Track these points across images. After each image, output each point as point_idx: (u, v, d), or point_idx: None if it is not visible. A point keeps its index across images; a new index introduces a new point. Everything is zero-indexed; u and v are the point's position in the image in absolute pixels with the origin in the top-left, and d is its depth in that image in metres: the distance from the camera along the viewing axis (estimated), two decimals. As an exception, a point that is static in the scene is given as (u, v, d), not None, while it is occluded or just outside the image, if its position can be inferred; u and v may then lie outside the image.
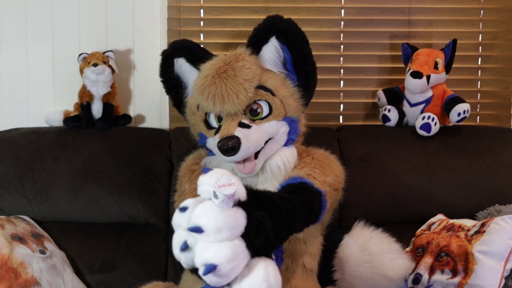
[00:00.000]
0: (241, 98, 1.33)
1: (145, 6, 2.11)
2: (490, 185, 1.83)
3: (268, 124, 1.38)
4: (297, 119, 1.44)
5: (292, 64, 1.40)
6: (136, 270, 1.73)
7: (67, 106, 2.09)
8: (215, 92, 1.33)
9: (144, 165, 1.85)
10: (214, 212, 0.86)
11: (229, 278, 0.86)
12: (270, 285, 0.89)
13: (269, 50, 1.40)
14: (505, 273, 1.50)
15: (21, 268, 1.53)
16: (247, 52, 1.40)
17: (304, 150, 1.48)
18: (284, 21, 1.37)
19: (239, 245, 0.87)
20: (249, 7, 2.11)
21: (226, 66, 1.35)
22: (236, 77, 1.33)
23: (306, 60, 1.40)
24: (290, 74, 1.42)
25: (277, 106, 1.38)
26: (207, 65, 1.40)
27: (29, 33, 2.10)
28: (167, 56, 1.54)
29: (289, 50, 1.38)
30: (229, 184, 0.87)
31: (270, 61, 1.41)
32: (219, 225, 0.85)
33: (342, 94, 2.17)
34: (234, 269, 0.86)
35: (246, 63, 1.36)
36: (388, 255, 1.47)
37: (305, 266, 1.38)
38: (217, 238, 0.86)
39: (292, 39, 1.37)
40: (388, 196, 1.83)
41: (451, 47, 1.93)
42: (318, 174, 1.34)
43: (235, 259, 0.86)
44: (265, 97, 1.37)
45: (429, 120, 1.87)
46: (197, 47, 1.53)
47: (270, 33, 1.38)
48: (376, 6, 2.13)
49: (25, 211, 1.80)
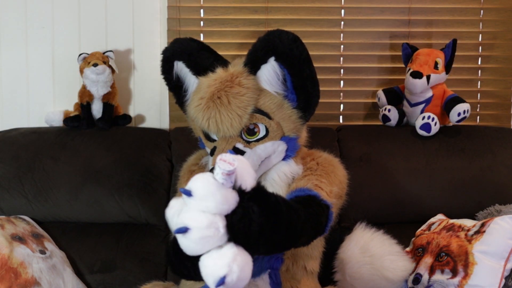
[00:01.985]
0: (235, 125, 1.30)
1: (145, 6, 2.11)
2: (490, 185, 1.83)
3: (264, 146, 1.34)
4: (295, 136, 1.40)
5: (292, 85, 1.34)
6: (136, 270, 1.73)
7: (67, 106, 2.09)
8: (209, 116, 1.31)
9: (144, 165, 1.85)
10: (207, 181, 0.90)
11: (198, 245, 0.89)
12: (231, 272, 0.88)
13: (267, 70, 1.33)
14: (505, 273, 1.50)
15: (21, 268, 1.53)
16: (244, 74, 1.34)
17: (308, 154, 1.46)
18: (284, 41, 1.28)
19: (218, 221, 0.89)
20: (249, 7, 2.11)
21: (220, 92, 1.31)
22: (229, 104, 1.30)
23: (306, 82, 1.34)
24: (290, 94, 1.35)
25: (274, 129, 1.35)
26: (204, 83, 1.36)
27: (29, 33, 2.10)
28: (167, 58, 1.50)
29: (289, 73, 1.32)
30: (230, 162, 0.90)
31: (268, 81, 1.34)
32: (206, 193, 0.89)
33: (342, 94, 2.17)
34: (205, 239, 0.89)
35: (242, 89, 1.31)
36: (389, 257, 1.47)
37: (306, 268, 1.37)
38: (201, 205, 0.89)
39: (292, 62, 1.30)
40: (388, 196, 1.83)
41: (451, 47, 1.93)
42: (325, 184, 1.33)
43: (208, 229, 0.88)
44: (261, 120, 1.33)
45: (429, 120, 1.87)
46: (197, 51, 1.46)
47: (269, 53, 1.30)
48: (376, 6, 2.13)
49: (25, 211, 1.80)
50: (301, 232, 1.07)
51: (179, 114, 2.12)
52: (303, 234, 1.09)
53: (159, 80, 1.59)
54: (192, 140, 1.58)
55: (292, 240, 1.05)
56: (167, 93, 2.12)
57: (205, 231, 0.88)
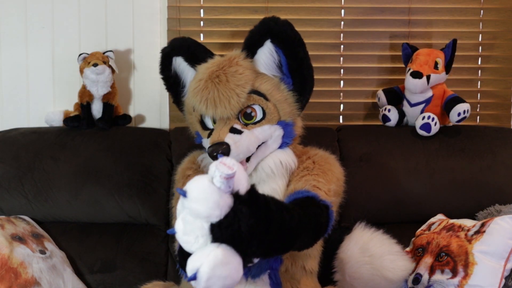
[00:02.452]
0: (233, 103, 1.33)
1: (145, 6, 2.11)
2: (490, 185, 1.83)
3: (261, 129, 1.37)
4: (292, 122, 1.43)
5: (288, 68, 1.38)
6: (136, 270, 1.73)
7: (67, 106, 2.09)
8: (207, 96, 1.33)
9: (144, 165, 1.85)
10: (202, 185, 0.89)
11: (184, 246, 0.93)
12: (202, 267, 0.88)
13: (264, 53, 1.38)
14: (505, 273, 1.50)
15: (21, 268, 1.53)
16: (242, 56, 1.39)
17: (303, 152, 1.47)
18: (279, 23, 1.34)
19: (200, 228, 0.90)
20: (249, 7, 2.11)
21: (219, 71, 1.34)
22: (228, 82, 1.33)
23: (301, 64, 1.38)
24: (285, 78, 1.40)
25: (271, 111, 1.37)
26: (202, 67, 1.40)
27: (29, 33, 2.10)
28: (166, 54, 1.53)
29: (284, 54, 1.36)
30: (229, 166, 0.90)
31: (265, 65, 1.39)
32: (199, 196, 0.89)
33: (342, 94, 2.17)
34: (186, 243, 0.92)
35: (239, 68, 1.35)
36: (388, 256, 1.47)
37: (305, 268, 1.37)
38: (191, 207, 0.89)
39: (287, 43, 1.35)
40: (388, 196, 1.83)
41: (451, 47, 1.93)
42: (322, 184, 1.34)
43: (187, 236, 0.91)
44: (258, 102, 1.36)
45: (429, 120, 1.87)
46: (195, 45, 1.51)
47: (265, 36, 1.36)
48: (376, 6, 2.13)
49: (25, 211, 1.80)
50: (297, 231, 1.06)
51: (179, 114, 2.11)
52: (300, 234, 1.08)
53: (159, 80, 1.60)
54: (192, 140, 1.58)
55: (288, 240, 1.04)
56: (167, 93, 2.11)
57: (184, 237, 0.92)
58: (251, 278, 1.30)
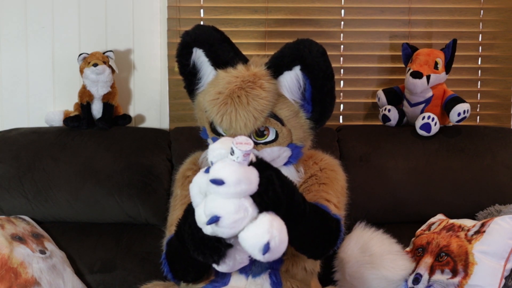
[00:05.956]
0: (249, 125, 1.29)
1: (145, 6, 2.11)
2: (490, 185, 1.83)
3: (271, 150, 1.34)
4: (302, 145, 1.40)
5: (311, 97, 1.34)
6: (136, 270, 1.73)
7: (67, 106, 2.09)
8: (224, 112, 1.29)
9: (144, 165, 1.85)
10: (234, 166, 0.97)
11: (232, 229, 0.97)
12: (273, 237, 0.96)
13: (290, 77, 1.33)
14: (505, 273, 1.50)
15: (21, 268, 1.53)
16: (266, 77, 1.33)
17: (309, 155, 1.45)
18: (313, 53, 1.28)
19: (245, 201, 0.97)
20: (249, 7, 2.11)
21: (241, 91, 1.29)
22: (248, 105, 1.29)
23: (325, 97, 1.35)
24: (306, 105, 1.36)
25: (284, 135, 1.34)
26: (224, 78, 1.33)
27: (29, 33, 2.10)
28: (186, 44, 1.44)
29: (311, 84, 1.32)
30: (246, 143, 0.98)
31: (289, 88, 1.34)
32: (239, 177, 0.96)
33: (342, 94, 2.17)
34: (237, 222, 0.97)
35: (262, 92, 1.30)
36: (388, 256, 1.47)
37: (305, 269, 1.37)
38: (236, 190, 0.96)
39: (316, 75, 1.30)
40: (388, 196, 1.83)
41: (451, 47, 1.93)
42: (332, 196, 1.35)
43: (238, 213, 0.96)
44: (274, 125, 1.33)
45: (429, 120, 1.87)
46: (219, 42, 1.43)
47: (295, 61, 1.30)
48: (376, 6, 2.13)
49: (25, 211, 1.80)
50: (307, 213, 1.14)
51: (179, 114, 2.14)
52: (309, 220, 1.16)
53: (159, 80, 1.59)
54: (192, 140, 1.57)
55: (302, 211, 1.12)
56: (167, 93, 2.12)
57: (236, 216, 0.96)
58: (252, 278, 1.30)
